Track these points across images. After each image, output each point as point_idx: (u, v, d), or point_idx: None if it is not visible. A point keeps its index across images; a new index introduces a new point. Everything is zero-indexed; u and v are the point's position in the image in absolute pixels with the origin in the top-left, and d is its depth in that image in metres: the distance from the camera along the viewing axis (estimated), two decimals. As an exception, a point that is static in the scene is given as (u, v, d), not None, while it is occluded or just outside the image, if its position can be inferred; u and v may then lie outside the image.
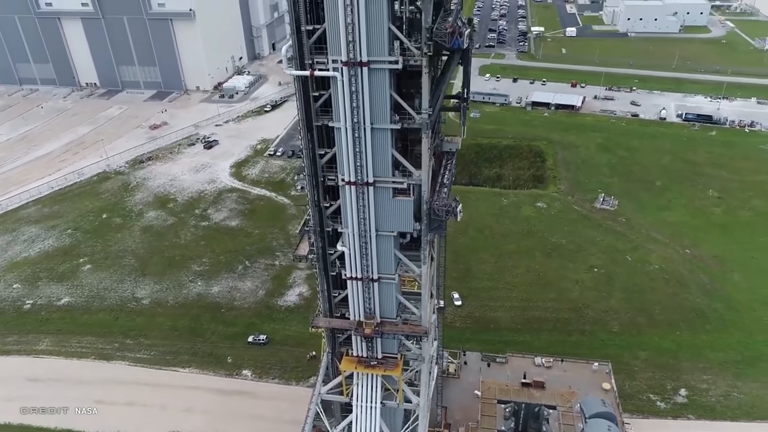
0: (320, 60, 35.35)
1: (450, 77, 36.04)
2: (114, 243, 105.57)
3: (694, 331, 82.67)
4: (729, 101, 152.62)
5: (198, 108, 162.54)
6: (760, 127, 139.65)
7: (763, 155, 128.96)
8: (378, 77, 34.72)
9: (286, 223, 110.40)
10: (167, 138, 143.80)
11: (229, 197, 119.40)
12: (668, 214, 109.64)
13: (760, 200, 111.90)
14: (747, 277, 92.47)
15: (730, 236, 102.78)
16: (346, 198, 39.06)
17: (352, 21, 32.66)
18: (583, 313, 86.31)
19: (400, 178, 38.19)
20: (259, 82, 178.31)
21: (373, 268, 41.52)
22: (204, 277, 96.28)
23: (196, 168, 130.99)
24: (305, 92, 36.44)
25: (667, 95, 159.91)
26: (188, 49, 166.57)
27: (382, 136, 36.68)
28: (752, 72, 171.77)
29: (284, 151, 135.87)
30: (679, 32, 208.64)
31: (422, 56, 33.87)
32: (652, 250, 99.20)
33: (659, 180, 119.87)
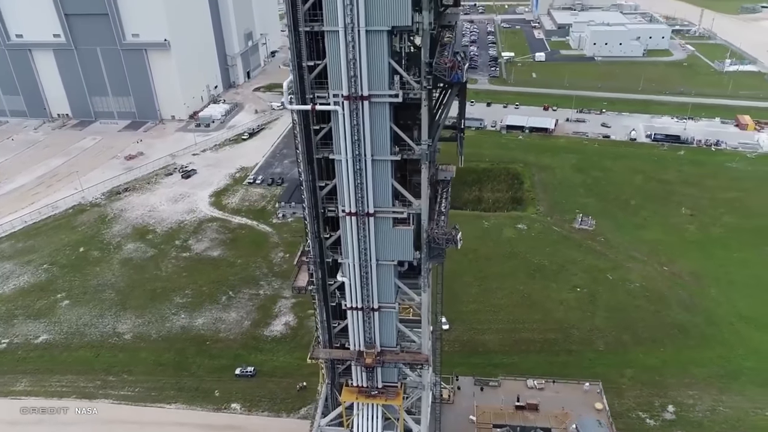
0: (321, 94, 35.92)
1: (449, 109, 36.90)
2: (92, 277, 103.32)
3: (678, 347, 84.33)
4: (695, 121, 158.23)
5: (174, 137, 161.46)
6: (725, 146, 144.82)
7: (730, 173, 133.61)
8: (378, 110, 35.42)
9: (269, 251, 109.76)
10: (144, 168, 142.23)
11: (209, 227, 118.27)
12: (644, 232, 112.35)
13: (730, 217, 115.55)
14: (723, 292, 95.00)
15: (705, 252, 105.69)
16: (347, 229, 39.36)
17: (353, 57, 33.37)
18: (569, 333, 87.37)
19: (400, 208, 38.71)
20: (235, 111, 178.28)
21: (374, 298, 41.71)
22: (187, 309, 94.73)
23: (175, 198, 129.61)
24: (306, 126, 36.86)
25: (636, 116, 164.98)
26: (163, 78, 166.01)
27: (382, 167, 37.24)
28: (714, 93, 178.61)
29: (264, 179, 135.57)
30: (643, 56, 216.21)
31: (422, 90, 34.72)
32: (632, 269, 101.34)
33: (634, 199, 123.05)
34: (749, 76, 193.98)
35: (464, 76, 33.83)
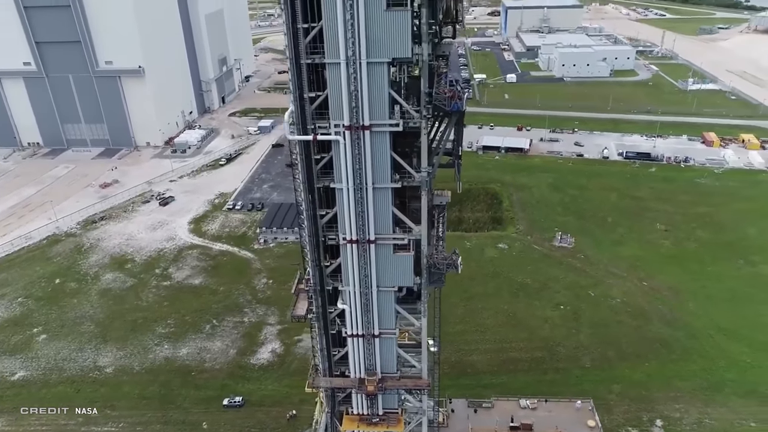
0: (321, 124, 36.34)
1: (448, 137, 37.68)
2: (70, 309, 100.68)
3: (661, 361, 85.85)
4: (663, 139, 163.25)
5: (150, 164, 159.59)
6: (693, 162, 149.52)
7: (699, 188, 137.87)
8: (379, 139, 36.02)
9: (252, 278, 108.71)
10: (120, 196, 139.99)
11: (190, 254, 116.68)
12: (622, 248, 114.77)
13: (703, 231, 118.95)
14: (701, 305, 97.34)
15: (681, 267, 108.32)
16: (348, 256, 39.57)
17: (355, 88, 33.97)
18: (555, 351, 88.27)
19: (400, 235, 39.14)
20: (211, 136, 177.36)
21: (375, 324, 41.82)
22: (170, 339, 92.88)
23: (153, 226, 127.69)
24: (307, 155, 37.17)
25: (607, 135, 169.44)
26: (138, 105, 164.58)
27: (383, 195, 37.72)
28: (679, 111, 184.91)
29: (243, 205, 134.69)
30: (610, 76, 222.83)
31: (421, 119, 35.45)
32: (613, 285, 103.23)
33: (610, 216, 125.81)
34: (711, 95, 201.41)
35: (464, 105, 34.64)
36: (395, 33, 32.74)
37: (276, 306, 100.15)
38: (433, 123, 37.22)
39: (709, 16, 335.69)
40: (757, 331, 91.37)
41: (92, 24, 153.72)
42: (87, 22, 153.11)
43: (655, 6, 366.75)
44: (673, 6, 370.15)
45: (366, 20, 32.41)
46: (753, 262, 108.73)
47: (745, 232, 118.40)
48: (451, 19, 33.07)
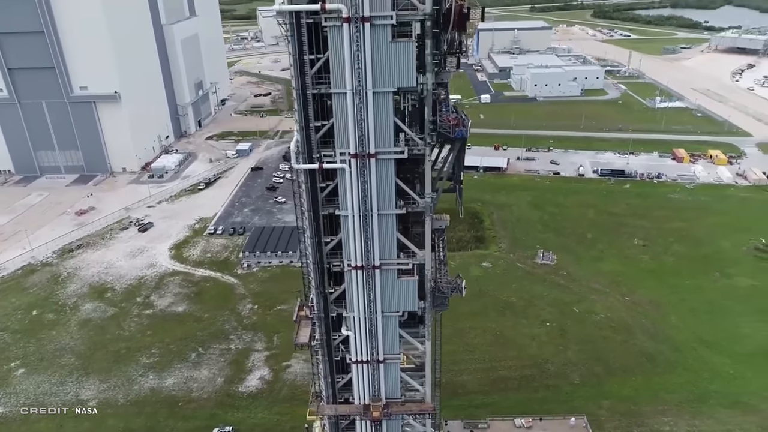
0: (327, 153, 36.70)
1: (452, 163, 38.38)
2: (49, 341, 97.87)
3: (648, 375, 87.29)
4: (635, 156, 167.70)
5: (126, 190, 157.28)
6: (665, 178, 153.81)
7: (673, 203, 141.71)
8: (384, 167, 36.51)
9: (237, 303, 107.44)
10: (97, 223, 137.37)
11: (172, 281, 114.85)
12: (603, 264, 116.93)
13: (679, 245, 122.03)
14: (682, 318, 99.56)
15: (660, 281, 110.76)
16: (353, 282, 39.71)
17: (362, 117, 34.50)
18: (544, 368, 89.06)
19: (405, 260, 39.49)
20: (188, 160, 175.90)
21: (380, 350, 41.87)
22: (155, 369, 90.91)
23: (133, 253, 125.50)
24: (313, 184, 37.40)
25: (581, 153, 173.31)
26: (113, 130, 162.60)
27: (388, 221, 38.12)
28: (649, 128, 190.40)
29: (225, 229, 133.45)
30: (581, 95, 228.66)
31: (426, 146, 36.12)
32: (596, 300, 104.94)
33: (589, 233, 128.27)
34: (678, 112, 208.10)
35: (468, 131, 35.44)
36: (400, 63, 33.48)
37: (262, 332, 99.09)
38: (432, 149, 37.91)
39: (671, 37, 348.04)
40: (736, 343, 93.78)
41: (67, 50, 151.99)
42: (61, 48, 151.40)
43: (619, 27, 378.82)
44: (636, 27, 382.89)
45: (372, 51, 33.10)
46: (728, 274, 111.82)
47: (719, 245, 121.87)
48: (456, 50, 33.96)
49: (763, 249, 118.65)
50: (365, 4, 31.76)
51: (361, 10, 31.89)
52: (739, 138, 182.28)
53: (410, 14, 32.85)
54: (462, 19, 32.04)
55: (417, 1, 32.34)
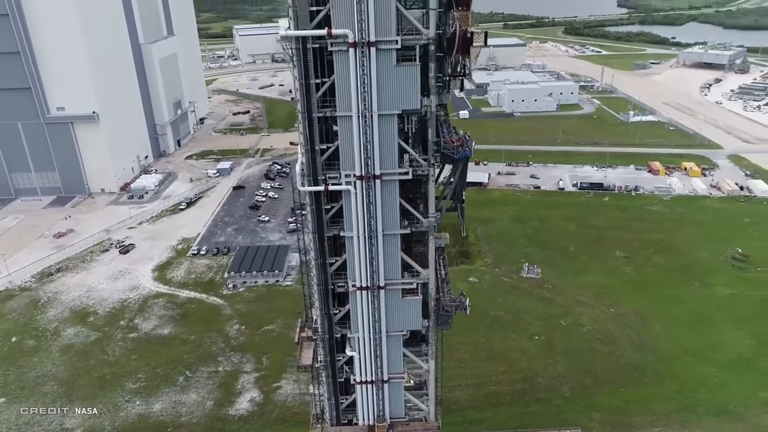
0: (331, 175, 36.97)
1: (455, 182, 38.95)
2: (30, 369, 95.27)
3: (636, 386, 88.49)
4: (613, 169, 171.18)
5: (106, 211, 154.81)
6: (643, 191, 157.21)
7: (651, 216, 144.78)
8: (389, 188, 36.90)
9: (224, 325, 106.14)
10: (76, 246, 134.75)
11: (156, 303, 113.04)
12: (586, 277, 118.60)
13: (659, 257, 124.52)
14: (666, 328, 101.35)
15: (643, 292, 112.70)
16: (357, 303, 39.83)
17: (368, 140, 34.92)
18: (535, 382, 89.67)
19: (409, 279, 39.78)
20: (168, 180, 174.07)
21: (384, 370, 41.91)
22: (142, 394, 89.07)
23: (114, 275, 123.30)
24: (318, 206, 37.59)
25: (560, 167, 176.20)
26: (92, 151, 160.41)
27: (392, 241, 38.44)
28: (624, 142, 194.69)
29: (208, 249, 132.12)
30: (557, 110, 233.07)
31: (430, 166, 36.67)
32: (582, 313, 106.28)
33: (572, 246, 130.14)
34: (652, 126, 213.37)
35: (472, 151, 36.10)
36: (405, 86, 34.09)
37: (251, 353, 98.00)
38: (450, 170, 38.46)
39: (640, 52, 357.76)
40: (720, 351, 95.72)
41: (43, 70, 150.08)
42: (37, 68, 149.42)
43: (591, 43, 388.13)
44: (607, 43, 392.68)
45: (378, 75, 33.63)
46: (708, 284, 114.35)
47: (698, 255, 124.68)
48: (460, 73, 34.70)
49: (740, 258, 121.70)
50: (371, 29, 32.36)
51: (367, 35, 32.44)
52: (711, 150, 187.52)
53: (414, 39, 33.55)
54: (466, 43, 32.81)
55: (421, 26, 33.04)
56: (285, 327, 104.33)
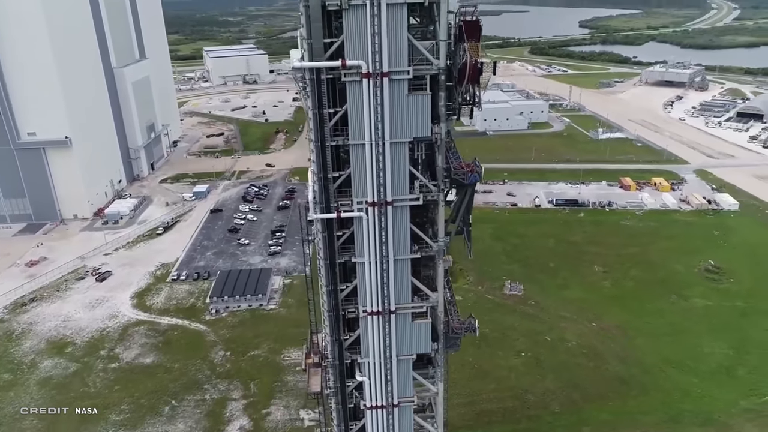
0: (343, 202, 37.37)
1: (464, 207, 39.72)
2: (6, 404, 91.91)
3: (623, 399, 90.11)
4: (586, 186, 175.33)
5: (80, 238, 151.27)
6: (616, 206, 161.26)
7: (626, 230, 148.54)
8: (400, 214, 37.48)
9: (208, 351, 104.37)
10: (50, 274, 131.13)
11: (136, 332, 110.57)
12: (568, 292, 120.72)
13: (637, 270, 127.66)
14: (648, 341, 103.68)
15: (623, 306, 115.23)
16: (368, 328, 40.03)
17: (380, 167, 35.51)
18: (524, 399, 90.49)
19: (418, 303, 40.21)
20: (143, 205, 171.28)
21: (394, 394, 42.05)
22: (127, 427, 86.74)
23: (92, 304, 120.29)
24: (330, 232, 37.87)
25: (535, 184, 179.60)
26: (64, 177, 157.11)
27: (403, 266, 38.91)
28: (595, 159, 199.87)
29: (188, 275, 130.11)
30: (528, 129, 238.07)
31: (439, 192, 37.41)
32: (566, 328, 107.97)
33: (551, 262, 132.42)
34: (620, 143, 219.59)
35: (482, 177, 36.98)
36: (416, 115, 34.93)
37: (238, 379, 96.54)
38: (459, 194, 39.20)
39: (604, 71, 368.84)
40: (700, 362, 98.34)
41: (14, 95, 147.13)
42: (8, 93, 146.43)
43: (557, 63, 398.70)
44: (572, 63, 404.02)
45: (390, 104, 34.37)
46: (685, 296, 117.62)
47: (673, 268, 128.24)
48: (470, 101, 35.71)
49: (712, 270, 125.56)
50: (384, 60, 33.14)
51: (380, 66, 33.21)
52: (678, 165, 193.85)
53: (425, 69, 34.47)
54: (476, 73, 33.87)
55: (432, 57, 34.00)
56: (271, 352, 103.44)
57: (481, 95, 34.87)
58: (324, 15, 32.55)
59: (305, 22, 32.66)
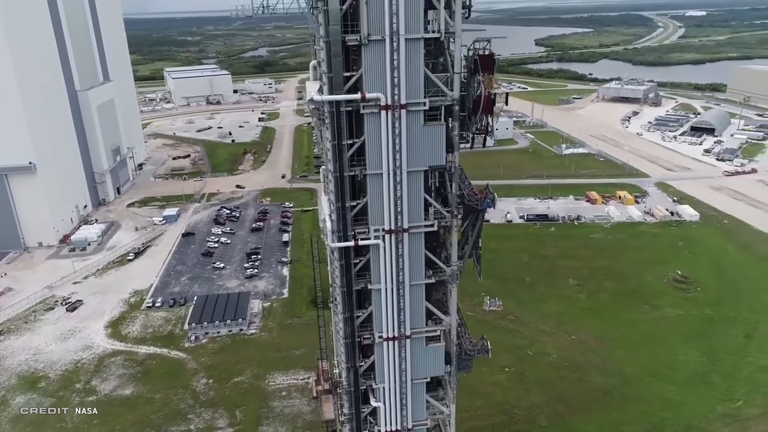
0: (360, 230, 37.94)
1: (477, 232, 40.78)
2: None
3: (607, 410, 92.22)
4: (554, 200, 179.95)
5: (46, 266, 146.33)
6: (584, 220, 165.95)
7: (596, 243, 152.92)
8: (416, 240, 38.29)
9: (190, 379, 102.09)
10: (16, 306, 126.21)
11: (113, 362, 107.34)
12: (545, 306, 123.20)
13: (609, 282, 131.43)
14: (626, 351, 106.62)
15: (600, 318, 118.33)
16: (384, 353, 40.44)
17: (398, 196, 36.30)
18: (512, 414, 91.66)
19: (432, 327, 40.92)
20: (112, 230, 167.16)
21: (409, 418, 42.44)
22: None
23: (63, 335, 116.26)
24: (347, 260, 38.30)
25: (505, 200, 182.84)
26: (28, 203, 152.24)
27: (418, 291, 39.63)
28: (561, 174, 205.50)
29: (164, 301, 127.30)
30: (494, 145, 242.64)
31: (453, 218, 38.41)
32: (546, 342, 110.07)
33: (527, 276, 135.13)
34: (583, 158, 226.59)
35: (495, 203, 38.18)
36: (432, 144, 35.99)
37: (223, 407, 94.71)
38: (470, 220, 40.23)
39: (563, 88, 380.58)
40: (677, 370, 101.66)
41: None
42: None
43: (516, 81, 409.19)
44: (531, 80, 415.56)
45: (407, 135, 35.31)
46: (656, 306, 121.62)
47: (643, 279, 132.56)
48: (483, 130, 36.97)
49: (680, 280, 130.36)
50: (402, 92, 34.12)
51: (399, 99, 34.17)
52: (640, 179, 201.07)
53: (440, 100, 35.60)
54: (490, 104, 35.22)
55: (446, 89, 35.18)
56: (255, 377, 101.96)
57: (493, 124, 36.16)
58: (344, 50, 33.37)
59: (326, 56, 33.38)
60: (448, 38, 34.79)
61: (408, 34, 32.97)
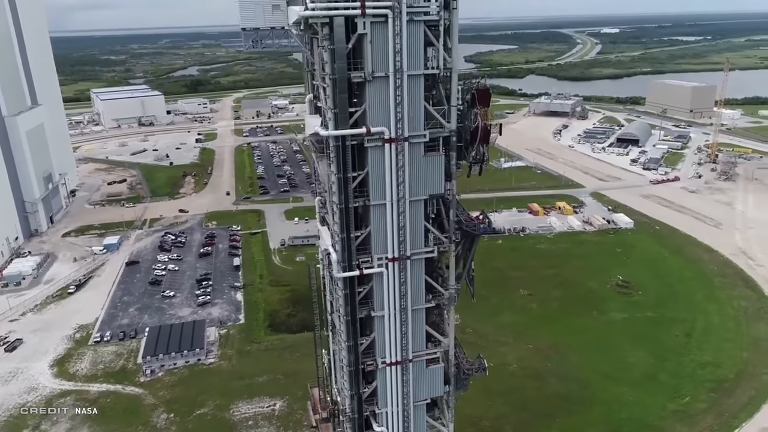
0: (363, 259, 38.72)
1: (473, 255, 42.38)
2: None
3: (568, 415, 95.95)
4: (499, 213, 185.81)
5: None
6: (529, 231, 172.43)
7: (542, 253, 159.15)
8: (417, 266, 39.47)
9: (149, 416, 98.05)
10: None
11: (63, 404, 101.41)
12: (501, 317, 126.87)
13: (558, 290, 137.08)
14: (581, 357, 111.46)
15: (552, 325, 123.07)
16: (387, 378, 41.16)
17: (401, 225, 37.42)
18: (480, 426, 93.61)
19: (432, 349, 42.06)
20: (48, 262, 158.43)
21: (411, 441, 43.23)
22: None
23: (4, 378, 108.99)
24: (351, 289, 38.91)
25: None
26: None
27: (419, 315, 40.74)
28: (502, 187, 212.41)
29: (113, 335, 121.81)
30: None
31: (451, 243, 39.90)
32: (506, 352, 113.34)
33: (481, 289, 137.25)
34: (521, 171, 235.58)
35: (491, 226, 39.97)
36: (432, 174, 37.44)
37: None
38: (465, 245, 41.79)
39: (495, 103, 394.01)
40: (628, 372, 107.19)
41: None
42: None
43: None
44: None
45: (409, 166, 36.57)
46: (603, 311, 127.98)
47: (589, 286, 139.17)
48: (479, 159, 38.77)
49: (622, 285, 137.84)
50: (405, 126, 35.42)
51: (402, 132, 35.44)
52: (576, 189, 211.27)
53: (438, 131, 37.16)
54: (486, 135, 37.09)
55: (445, 121, 36.79)
56: (219, 408, 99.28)
57: (488, 154, 38.05)
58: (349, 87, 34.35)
59: (331, 93, 34.22)
60: (446, 73, 36.49)
61: (410, 70, 34.39)
